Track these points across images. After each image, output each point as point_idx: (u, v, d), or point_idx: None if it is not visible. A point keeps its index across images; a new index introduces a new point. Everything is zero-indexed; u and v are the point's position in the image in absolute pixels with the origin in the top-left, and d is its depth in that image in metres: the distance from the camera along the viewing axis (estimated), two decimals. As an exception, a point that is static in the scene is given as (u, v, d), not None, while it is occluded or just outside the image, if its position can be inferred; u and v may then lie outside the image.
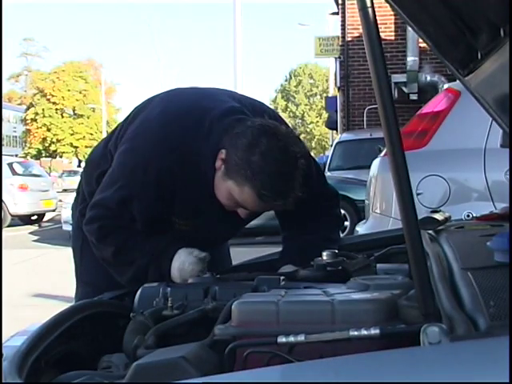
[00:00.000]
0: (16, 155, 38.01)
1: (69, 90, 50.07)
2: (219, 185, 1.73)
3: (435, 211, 1.94)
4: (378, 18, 0.99)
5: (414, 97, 13.85)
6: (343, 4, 15.31)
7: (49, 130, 49.77)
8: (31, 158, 46.96)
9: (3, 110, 55.01)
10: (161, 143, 1.77)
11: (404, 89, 13.88)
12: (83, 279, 2.12)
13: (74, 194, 2.33)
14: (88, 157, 2.22)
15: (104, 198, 1.81)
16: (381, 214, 4.29)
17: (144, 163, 1.76)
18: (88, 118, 50.78)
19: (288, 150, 1.64)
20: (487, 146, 3.97)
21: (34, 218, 14.78)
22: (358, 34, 14.55)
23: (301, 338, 1.06)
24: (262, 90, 79.34)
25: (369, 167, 4.78)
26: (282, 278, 1.55)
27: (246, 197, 1.67)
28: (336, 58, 16.19)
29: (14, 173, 14.12)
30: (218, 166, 1.72)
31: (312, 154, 2.08)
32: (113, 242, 1.80)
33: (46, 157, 53.37)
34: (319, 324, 1.13)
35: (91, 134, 50.52)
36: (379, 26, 0.99)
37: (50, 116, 49.71)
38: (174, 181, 1.77)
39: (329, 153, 10.78)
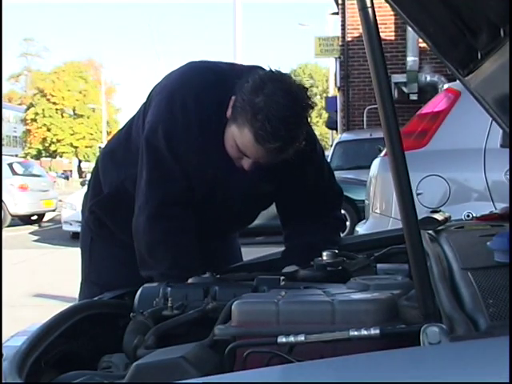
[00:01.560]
0: (16, 155, 37.99)
1: (69, 90, 50.06)
2: (227, 134, 1.73)
3: (435, 211, 1.94)
4: (378, 17, 0.99)
5: (413, 97, 13.84)
6: (343, 4, 15.30)
7: (49, 130, 49.76)
8: (31, 158, 46.96)
9: (3, 110, 55.00)
10: (195, 85, 1.77)
11: (404, 89, 13.87)
12: (91, 279, 2.09)
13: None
14: (103, 150, 2.17)
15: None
16: (381, 214, 4.29)
17: (182, 100, 1.76)
18: (88, 118, 50.76)
19: (292, 95, 1.62)
20: (487, 146, 3.97)
21: (34, 218, 14.77)
22: (358, 34, 14.54)
23: (301, 338, 1.06)
24: (262, 89, 79.08)
25: (369, 167, 4.78)
26: (281, 278, 1.55)
27: (245, 140, 1.66)
28: (336, 58, 16.18)
29: (14, 173, 14.11)
30: (229, 114, 1.71)
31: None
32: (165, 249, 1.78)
33: (46, 157, 53.37)
34: (319, 324, 1.13)
35: (91, 134, 50.52)
36: (379, 25, 0.99)
37: (50, 116, 49.69)
38: (207, 129, 1.75)
39: (329, 153, 10.77)
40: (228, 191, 1.86)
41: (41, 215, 15.03)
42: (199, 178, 1.81)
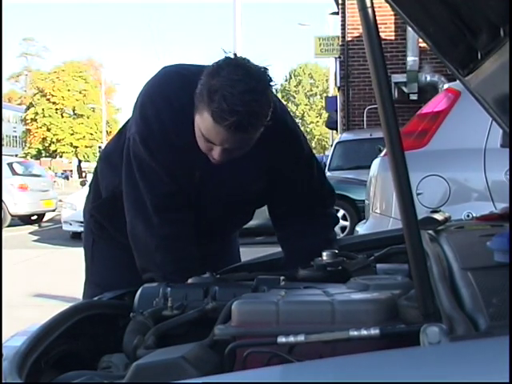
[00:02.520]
0: (16, 155, 38.02)
1: (69, 90, 50.08)
2: (195, 127, 1.70)
3: (435, 211, 1.94)
4: (377, 17, 0.99)
5: (413, 97, 13.84)
6: (343, 4, 15.30)
7: (49, 129, 49.78)
8: (31, 158, 46.98)
9: (3, 110, 54.98)
10: (163, 88, 1.78)
11: (404, 89, 13.87)
12: (93, 280, 2.09)
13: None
14: (102, 153, 2.18)
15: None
16: (381, 214, 4.29)
17: (152, 106, 1.77)
18: (88, 117, 50.79)
19: (248, 72, 1.59)
20: (487, 146, 3.97)
21: (34, 217, 14.76)
22: (358, 34, 14.54)
23: (301, 338, 1.06)
24: (262, 89, 79.05)
25: (369, 167, 4.78)
26: (281, 277, 1.55)
27: (206, 124, 1.62)
28: (336, 58, 16.18)
29: (14, 173, 14.11)
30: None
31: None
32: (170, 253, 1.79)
33: (45, 157, 53.37)
34: (319, 324, 1.13)
35: (91, 134, 50.54)
36: (379, 25, 0.99)
37: (50, 116, 49.71)
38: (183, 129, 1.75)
39: (329, 153, 10.77)
40: (216, 191, 1.86)
41: (41, 215, 15.02)
42: (186, 180, 1.81)
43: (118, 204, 1.90)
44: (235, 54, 1.67)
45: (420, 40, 2.48)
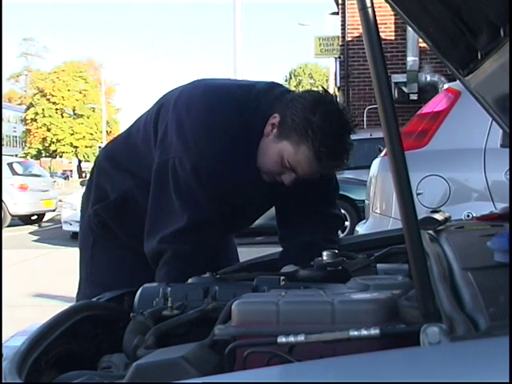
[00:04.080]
0: (16, 155, 38.01)
1: (69, 90, 50.08)
2: (267, 149, 1.75)
3: (435, 211, 1.94)
4: (378, 17, 0.99)
5: (414, 97, 13.85)
6: (343, 4, 15.30)
7: (49, 129, 49.77)
8: (31, 158, 46.99)
9: (3, 110, 54.98)
10: (220, 114, 1.77)
11: (404, 89, 13.88)
12: (94, 280, 2.06)
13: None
14: (104, 152, 2.11)
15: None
16: (381, 214, 4.29)
17: (209, 134, 1.74)
18: (88, 117, 50.78)
19: (344, 115, 1.72)
20: (487, 146, 3.97)
21: (34, 217, 14.76)
22: (358, 34, 14.55)
23: (301, 338, 1.06)
24: (262, 89, 79.05)
25: (369, 167, 4.78)
26: (282, 277, 1.55)
27: (301, 157, 1.70)
28: (336, 58, 16.18)
29: (14, 173, 14.11)
30: (268, 130, 1.74)
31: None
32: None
33: (45, 157, 53.37)
34: (319, 324, 1.13)
35: (91, 134, 50.53)
36: (379, 25, 0.99)
37: (50, 116, 49.71)
38: (235, 154, 1.76)
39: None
40: (244, 206, 1.89)
41: (41, 215, 15.02)
42: (226, 201, 1.82)
43: (130, 206, 1.89)
44: (326, 90, 1.78)
45: (420, 40, 2.48)
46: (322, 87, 1.80)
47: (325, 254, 1.64)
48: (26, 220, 14.59)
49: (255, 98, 1.78)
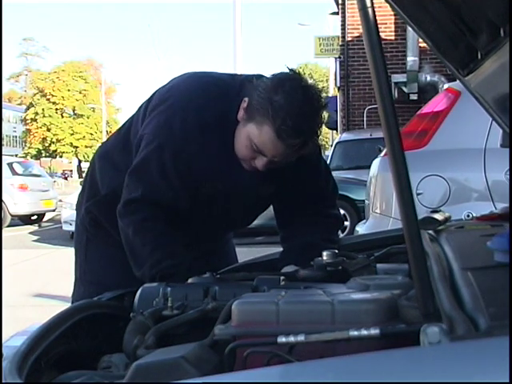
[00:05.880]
0: (16, 155, 38.01)
1: (69, 90, 50.07)
2: (238, 135, 1.74)
3: (435, 211, 1.94)
4: (378, 17, 0.99)
5: (414, 97, 13.84)
6: (343, 4, 15.30)
7: (49, 129, 49.76)
8: (31, 158, 46.98)
9: (3, 110, 54.98)
10: (197, 98, 1.78)
11: (404, 89, 13.87)
12: (87, 278, 2.08)
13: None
14: (100, 150, 2.16)
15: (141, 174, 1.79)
16: (381, 214, 4.29)
17: (182, 115, 1.77)
18: (88, 117, 50.77)
19: (310, 91, 1.68)
20: (487, 146, 3.97)
21: (34, 217, 14.76)
22: (358, 34, 14.54)
23: (301, 338, 1.06)
24: (262, 89, 79.04)
25: (369, 167, 4.78)
26: (281, 277, 1.55)
27: (264, 138, 1.67)
28: (336, 58, 16.18)
29: (14, 173, 14.11)
30: (240, 116, 1.73)
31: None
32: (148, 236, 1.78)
33: (45, 157, 53.38)
34: (319, 324, 1.13)
35: (91, 134, 50.52)
36: (379, 25, 0.99)
37: (50, 116, 49.70)
38: (209, 139, 1.76)
39: (329, 153, 10.77)
40: (229, 197, 1.86)
41: (41, 215, 15.02)
42: (201, 188, 1.82)
43: (118, 201, 1.90)
44: (292, 70, 1.74)
45: (420, 40, 2.47)
46: (287, 67, 1.75)
47: (325, 254, 1.64)
48: (25, 220, 14.59)
49: (239, 86, 1.78)
